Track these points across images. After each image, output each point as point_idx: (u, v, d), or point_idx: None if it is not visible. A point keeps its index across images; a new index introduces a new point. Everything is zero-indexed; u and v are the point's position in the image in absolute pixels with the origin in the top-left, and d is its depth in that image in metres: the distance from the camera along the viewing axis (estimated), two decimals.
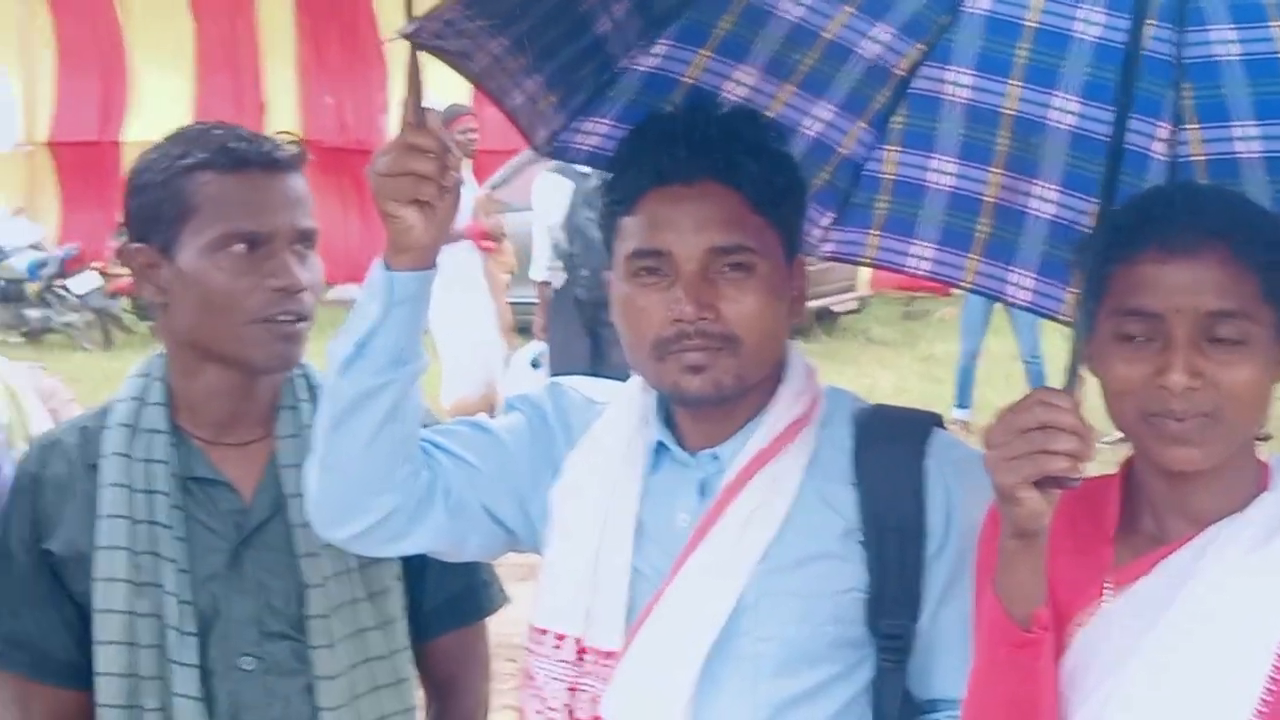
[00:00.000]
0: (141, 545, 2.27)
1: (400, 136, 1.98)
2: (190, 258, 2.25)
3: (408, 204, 1.99)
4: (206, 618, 2.28)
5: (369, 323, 2.04)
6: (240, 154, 2.26)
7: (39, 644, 2.33)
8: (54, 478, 2.34)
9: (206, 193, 2.25)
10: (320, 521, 2.17)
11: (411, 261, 2.03)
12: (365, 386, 2.06)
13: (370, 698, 2.33)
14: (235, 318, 2.24)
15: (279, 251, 2.25)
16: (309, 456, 2.16)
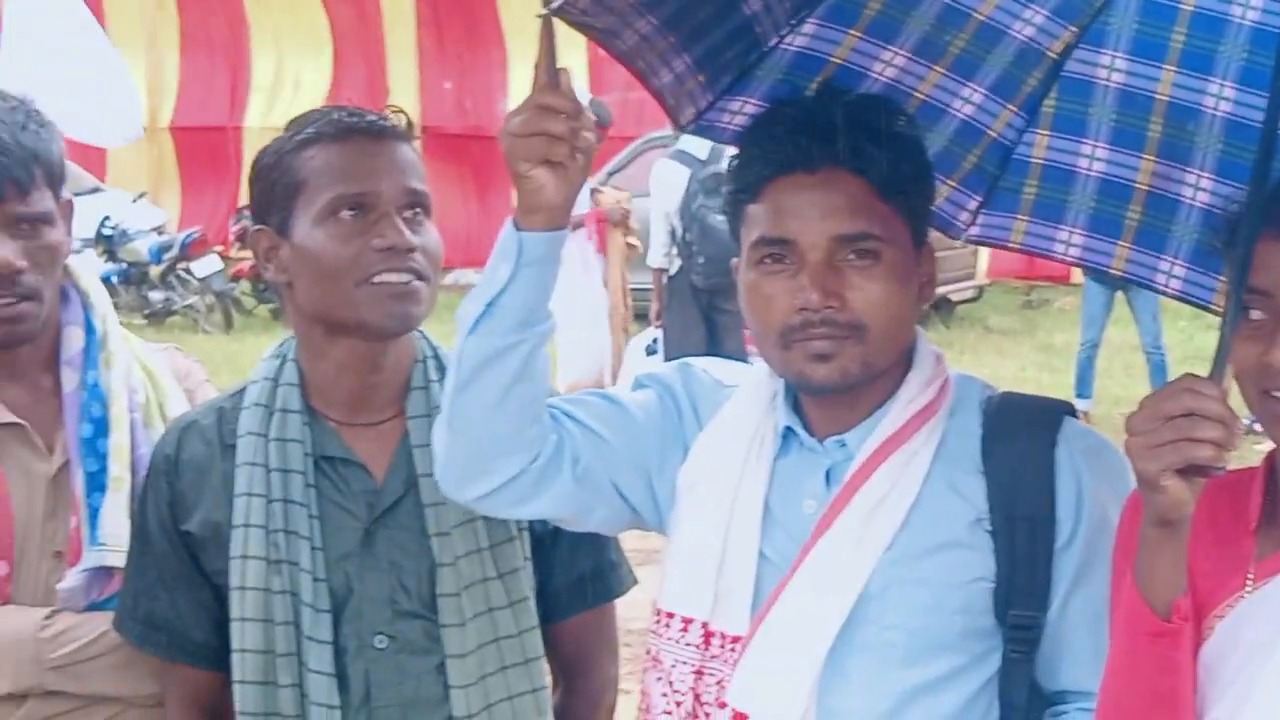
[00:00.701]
0: (277, 523, 2.30)
1: (533, 96, 1.99)
2: (303, 231, 2.29)
3: (539, 164, 1.99)
4: (340, 596, 2.31)
5: (498, 283, 2.05)
6: (345, 124, 2.30)
7: (176, 625, 2.37)
8: (191, 459, 2.38)
9: (313, 165, 2.29)
10: (448, 482, 2.18)
11: (542, 222, 2.03)
12: (494, 347, 2.06)
13: (499, 676, 2.35)
14: (346, 282, 2.26)
15: (386, 214, 2.26)
16: (438, 418, 2.17)
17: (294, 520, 2.30)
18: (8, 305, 2.39)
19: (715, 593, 2.13)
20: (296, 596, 2.29)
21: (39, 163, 2.40)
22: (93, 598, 2.43)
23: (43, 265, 2.41)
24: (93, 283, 2.60)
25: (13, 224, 2.38)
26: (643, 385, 2.31)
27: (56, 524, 2.45)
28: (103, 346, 2.52)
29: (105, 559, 2.41)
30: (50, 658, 2.38)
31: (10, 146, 2.37)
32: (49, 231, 2.42)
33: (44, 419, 2.48)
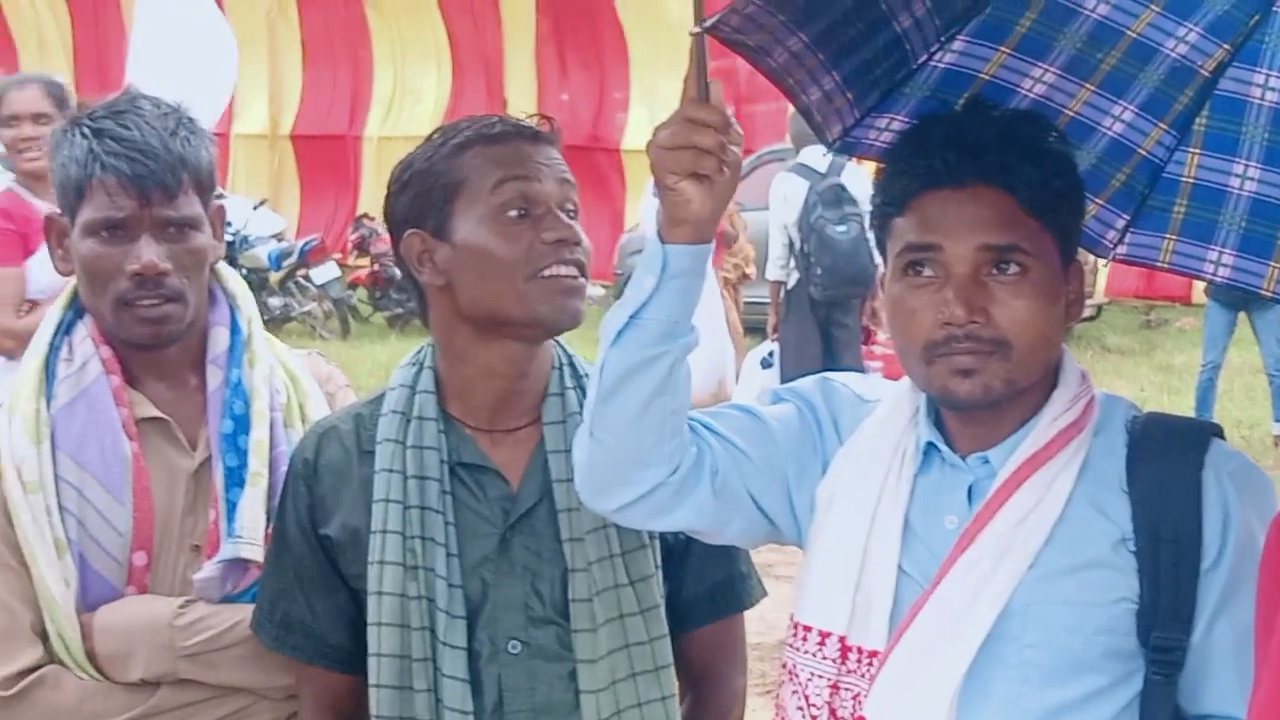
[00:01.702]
0: (414, 530, 2.32)
1: (682, 109, 2.00)
2: (468, 229, 2.31)
3: (686, 177, 2.00)
4: (475, 602, 2.33)
5: (643, 295, 2.06)
6: (502, 129, 2.33)
7: (313, 628, 2.40)
8: (330, 463, 2.41)
9: (474, 165, 2.31)
10: (588, 492, 2.20)
11: (687, 235, 2.04)
12: (637, 358, 2.08)
13: (629, 683, 2.35)
14: (517, 277, 2.28)
15: (550, 211, 2.29)
16: (580, 428, 2.19)
17: (430, 527, 2.32)
18: (153, 306, 2.44)
19: (853, 607, 2.13)
20: (432, 602, 2.31)
21: (187, 168, 2.45)
22: (227, 590, 2.47)
23: (188, 268, 2.46)
24: (239, 286, 2.64)
25: (160, 228, 2.43)
26: (782, 399, 2.31)
27: (196, 518, 2.49)
28: (247, 347, 2.57)
29: (241, 551, 2.45)
30: (183, 646, 2.42)
31: (159, 152, 2.42)
32: (195, 236, 2.47)
33: (188, 416, 2.53)
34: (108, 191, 2.41)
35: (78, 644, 2.42)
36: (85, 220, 2.43)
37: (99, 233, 2.43)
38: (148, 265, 2.41)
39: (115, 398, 2.48)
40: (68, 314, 2.57)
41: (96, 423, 2.46)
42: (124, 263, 2.42)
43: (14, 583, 2.43)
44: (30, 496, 2.42)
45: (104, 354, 2.51)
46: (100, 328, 2.52)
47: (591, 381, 2.15)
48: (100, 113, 2.47)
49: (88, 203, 2.43)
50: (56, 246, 2.53)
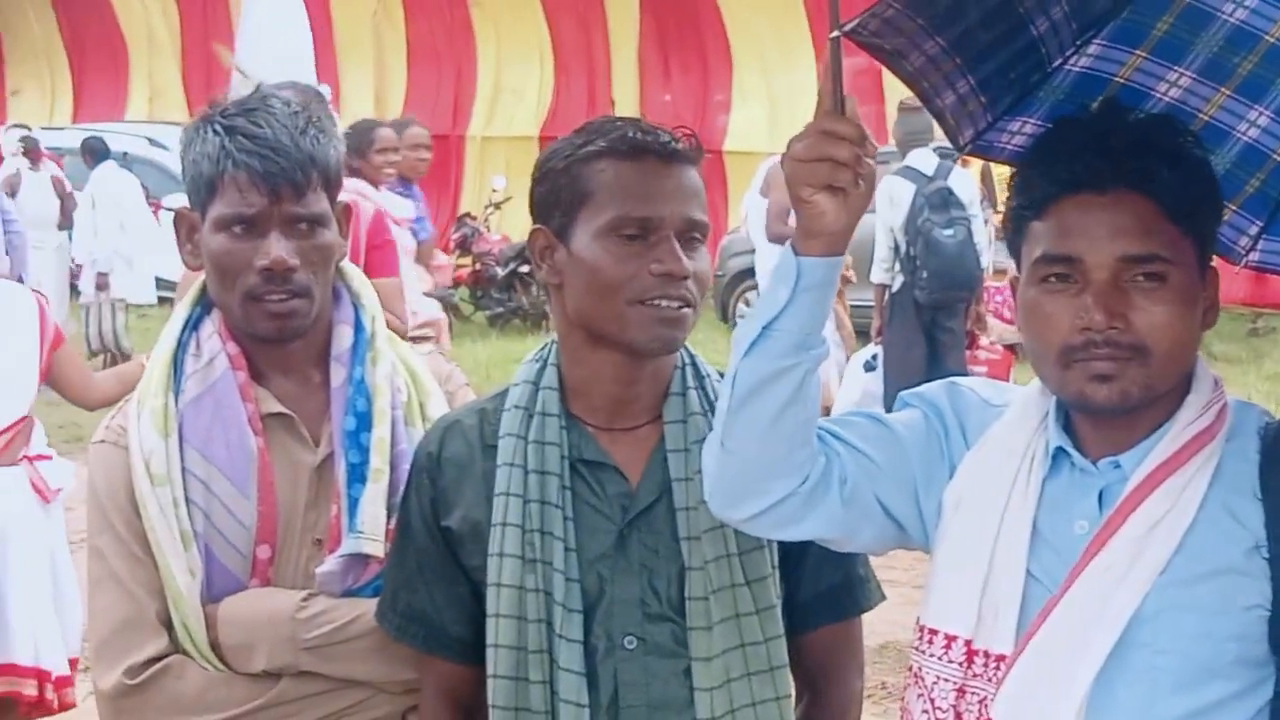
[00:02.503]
0: (533, 523, 2.34)
1: (818, 121, 2.01)
2: (583, 241, 2.32)
3: (821, 189, 2.01)
4: (592, 597, 2.34)
5: (775, 307, 2.07)
6: (638, 143, 2.32)
7: (434, 618, 2.42)
8: (453, 457, 2.43)
9: (602, 179, 2.32)
10: (718, 502, 2.21)
11: (821, 247, 2.05)
12: (769, 370, 2.09)
13: (743, 682, 2.35)
14: (618, 299, 2.30)
15: (666, 238, 2.29)
16: (709, 437, 2.20)
17: (549, 521, 2.34)
18: (280, 301, 2.47)
19: (979, 611, 2.12)
20: (549, 595, 2.32)
21: (316, 166, 2.48)
22: (348, 584, 2.50)
23: (315, 265, 2.49)
24: (363, 284, 2.67)
25: (289, 224, 2.46)
26: (908, 405, 2.31)
27: (318, 512, 2.52)
28: (370, 345, 2.59)
29: (362, 546, 2.48)
30: (305, 638, 2.45)
31: (290, 149, 2.45)
32: (323, 233, 2.50)
33: (311, 412, 2.56)
34: (239, 188, 2.44)
35: (202, 635, 2.46)
36: (216, 216, 2.47)
37: (229, 228, 2.46)
38: (276, 261, 2.44)
39: (241, 393, 2.52)
40: (195, 309, 2.61)
41: (223, 417, 2.50)
42: (253, 258, 2.45)
43: (141, 574, 2.47)
44: (158, 489, 2.46)
45: (230, 350, 2.54)
46: (227, 323, 2.55)
47: (723, 392, 2.16)
48: (232, 110, 2.51)
49: (219, 199, 2.46)
50: (186, 241, 2.56)
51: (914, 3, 1.96)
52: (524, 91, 20.27)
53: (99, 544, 2.51)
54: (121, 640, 2.47)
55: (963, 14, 2.05)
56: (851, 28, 1.97)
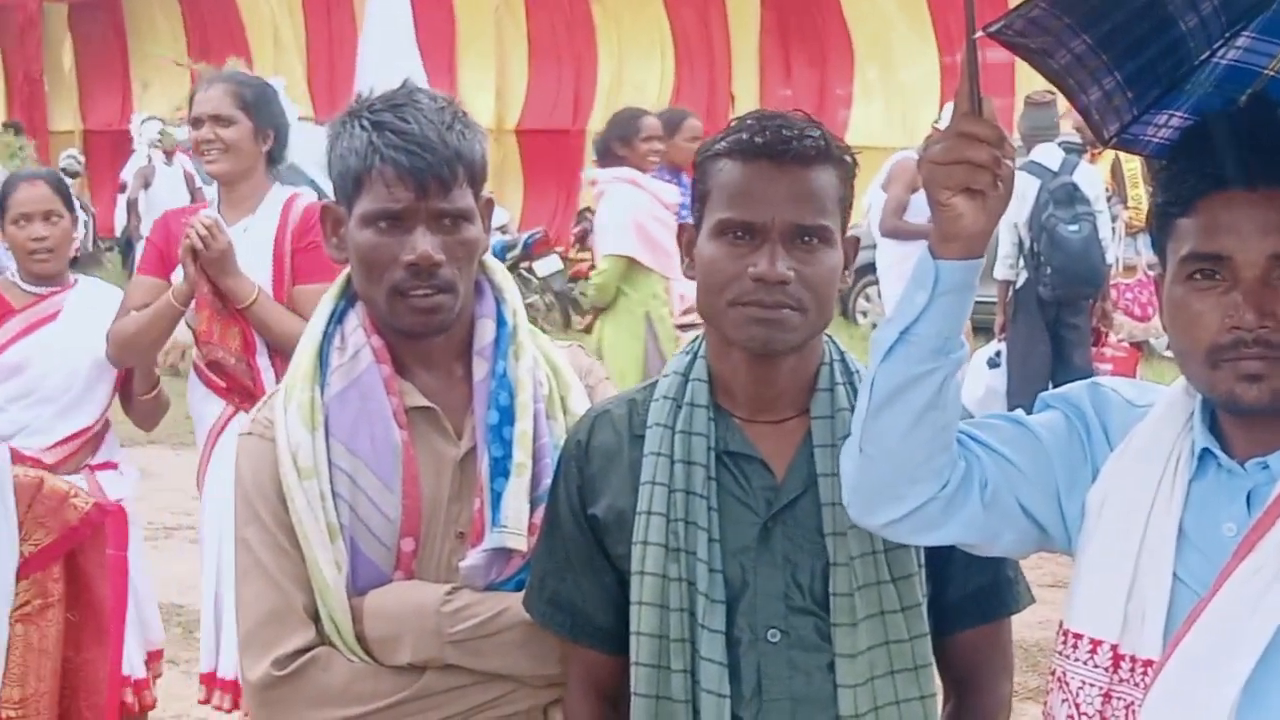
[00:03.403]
0: (677, 513, 2.35)
1: (955, 123, 2.01)
2: (704, 237, 2.36)
3: (959, 192, 2.01)
4: (735, 588, 2.35)
5: (914, 311, 2.07)
6: (755, 145, 2.32)
7: (580, 606, 2.44)
8: (601, 446, 2.45)
9: (719, 180, 2.34)
10: (856, 507, 2.22)
11: (959, 250, 2.05)
12: (907, 374, 2.09)
13: (887, 680, 2.35)
14: (722, 299, 2.32)
15: (767, 242, 2.29)
16: (848, 442, 2.21)
17: (694, 511, 2.35)
18: (425, 296, 2.49)
19: (1125, 615, 2.10)
20: (692, 585, 2.33)
21: (462, 161, 2.50)
22: (491, 578, 2.52)
23: (459, 260, 2.51)
24: (505, 278, 2.69)
25: (435, 219, 2.48)
26: (1049, 406, 2.29)
27: (461, 506, 2.55)
28: (512, 339, 2.61)
29: (505, 541, 2.50)
30: (450, 632, 2.47)
31: (436, 145, 2.47)
32: (468, 228, 2.52)
33: (454, 405, 2.59)
34: (386, 183, 2.47)
35: (348, 627, 2.49)
36: (363, 211, 2.49)
37: (376, 223, 2.49)
38: (423, 256, 2.46)
39: (386, 386, 2.54)
40: (340, 303, 2.64)
41: (368, 411, 2.53)
42: (399, 253, 2.47)
43: (288, 565, 2.51)
44: (305, 482, 2.49)
45: (375, 343, 2.57)
46: (371, 317, 2.58)
47: (860, 397, 2.17)
48: (379, 105, 2.53)
49: (365, 193, 2.49)
50: (331, 235, 2.60)
51: (1061, 1, 1.95)
52: (644, 86, 20.30)
53: (246, 535, 2.55)
54: (269, 631, 2.50)
55: (1110, 12, 2.04)
56: (997, 28, 1.97)
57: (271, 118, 5.16)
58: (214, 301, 4.93)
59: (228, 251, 4.84)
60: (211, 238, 4.81)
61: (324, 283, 4.72)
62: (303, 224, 5.01)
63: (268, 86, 5.31)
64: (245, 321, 4.92)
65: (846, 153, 2.37)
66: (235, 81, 5.25)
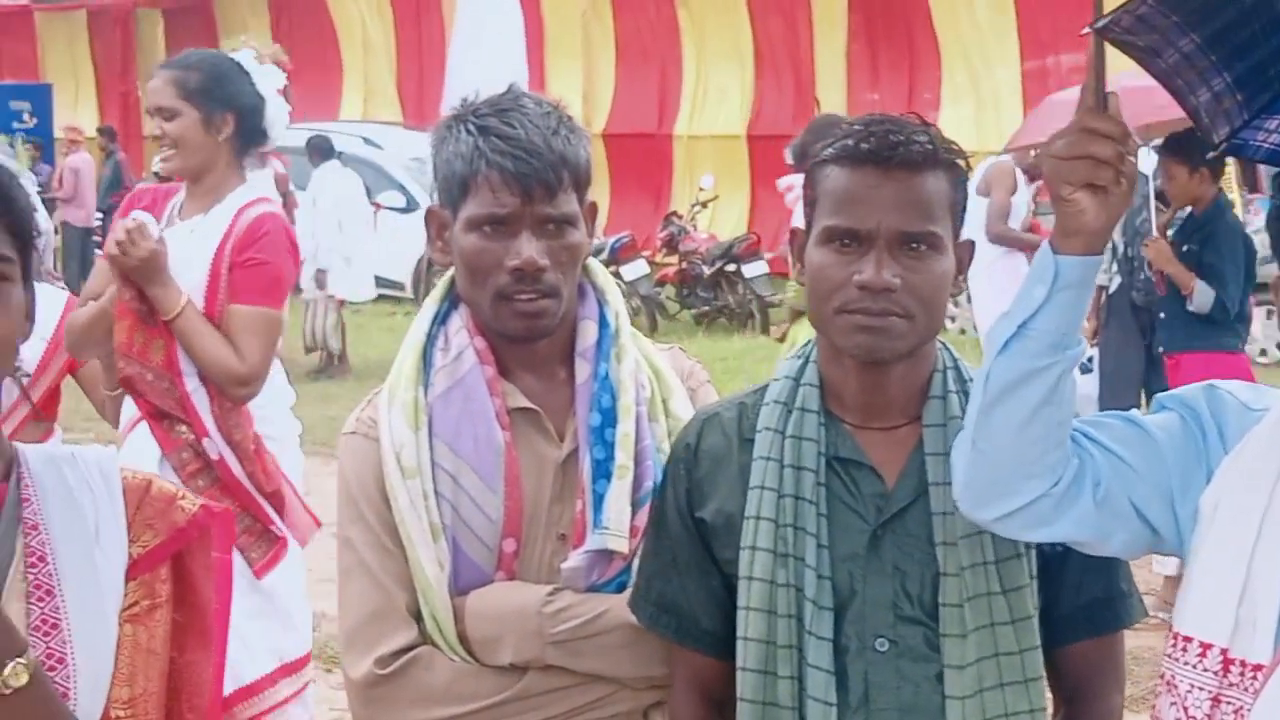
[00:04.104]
0: (786, 518, 2.34)
1: (1079, 119, 2.01)
2: (811, 245, 2.35)
3: (1081, 188, 2.01)
4: (843, 595, 2.34)
5: (1032, 305, 2.07)
6: (861, 151, 2.31)
7: (686, 609, 2.44)
8: (710, 449, 2.44)
9: (825, 186, 2.34)
10: (967, 501, 2.21)
11: (1080, 246, 2.05)
12: (1023, 369, 2.09)
13: (996, 692, 2.33)
14: (827, 306, 2.32)
15: (873, 249, 2.28)
16: (960, 436, 2.21)
17: (803, 517, 2.34)
18: (529, 301, 2.49)
19: (1236, 619, 2.08)
20: (800, 591, 2.32)
21: (567, 166, 2.50)
22: (593, 579, 2.52)
23: (563, 264, 2.51)
24: (607, 280, 2.69)
25: (540, 224, 2.49)
26: (1165, 408, 2.27)
27: (562, 507, 2.55)
28: (614, 341, 2.61)
29: (607, 543, 2.50)
30: (551, 633, 2.48)
31: (542, 150, 2.47)
32: (572, 233, 2.52)
33: (556, 407, 2.59)
34: (492, 188, 2.47)
35: (450, 627, 2.50)
36: (468, 215, 2.50)
37: (481, 228, 2.49)
38: (528, 261, 2.47)
39: (489, 388, 2.55)
40: (443, 305, 2.65)
41: (471, 412, 2.54)
42: (504, 258, 2.48)
43: (391, 565, 2.52)
44: (408, 481, 2.50)
45: (478, 345, 2.57)
46: (474, 319, 2.59)
47: (974, 391, 2.16)
48: (484, 109, 2.53)
49: (471, 198, 2.50)
50: (436, 238, 2.61)
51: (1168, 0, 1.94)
52: (729, 90, 20.32)
53: (350, 534, 2.56)
54: (372, 630, 2.52)
55: (1219, 11, 2.02)
56: (1104, 24, 1.97)
57: (228, 100, 4.44)
58: (139, 309, 4.35)
59: (149, 259, 4.27)
60: (131, 243, 4.25)
61: (260, 307, 4.44)
62: (247, 236, 4.42)
63: (222, 64, 4.54)
64: (171, 335, 4.35)
65: (959, 156, 2.35)
66: (179, 67, 4.52)
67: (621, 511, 2.51)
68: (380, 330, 17.51)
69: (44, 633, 1.94)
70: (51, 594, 1.97)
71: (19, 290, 1.98)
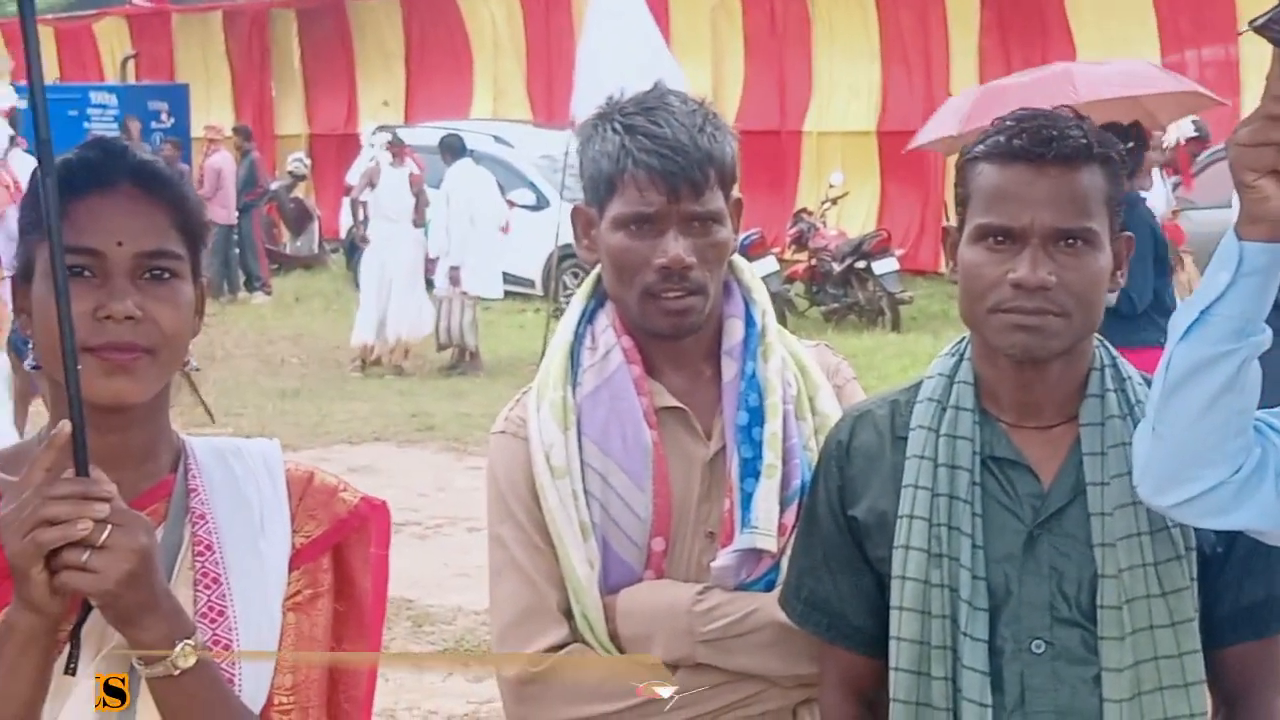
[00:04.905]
0: (940, 518, 2.33)
1: (1264, 106, 1.99)
2: (964, 244, 2.33)
3: (1266, 174, 1.99)
4: (998, 596, 2.32)
5: (1215, 291, 2.06)
6: (1013, 148, 2.29)
7: (837, 607, 2.43)
8: (862, 447, 2.43)
9: (978, 184, 2.32)
10: (1146, 487, 2.20)
11: (1265, 232, 2.04)
12: (1204, 355, 2.08)
13: (1155, 696, 2.29)
14: (981, 305, 2.29)
15: (1027, 247, 2.26)
16: (1141, 423, 2.20)
17: (957, 516, 2.32)
18: (676, 299, 2.50)
19: None
20: (955, 592, 2.31)
21: (713, 163, 2.50)
22: (742, 578, 2.51)
23: (710, 262, 2.51)
24: (754, 278, 2.69)
25: (686, 222, 2.49)
26: None
27: (710, 506, 2.55)
28: (761, 339, 2.60)
29: (756, 542, 2.49)
30: (701, 631, 2.48)
31: (689, 149, 2.47)
32: (718, 230, 2.52)
33: (703, 405, 2.59)
34: (638, 187, 2.48)
35: (601, 625, 2.51)
36: (615, 214, 2.51)
37: (628, 226, 2.50)
38: (675, 260, 2.47)
39: (636, 387, 2.55)
40: (590, 303, 2.66)
41: (619, 411, 2.55)
42: (651, 256, 2.48)
43: (542, 563, 2.53)
44: (558, 481, 2.52)
45: (625, 343, 2.58)
46: (621, 317, 2.59)
47: (1156, 376, 2.14)
48: (630, 108, 2.54)
49: (618, 197, 2.50)
50: (583, 236, 2.62)
51: None
52: (859, 86, 20.21)
53: (500, 533, 2.58)
54: (524, 628, 2.53)
55: None
56: (1261, 22, 1.94)
57: None
58: None
59: None
60: None
61: None
62: None
63: None
64: None
65: (1114, 150, 2.32)
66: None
67: (770, 510, 2.50)
68: (510, 327, 17.65)
69: (210, 619, 1.99)
70: (218, 582, 2.02)
71: (189, 287, 2.03)
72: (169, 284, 1.99)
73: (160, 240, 1.99)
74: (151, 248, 1.98)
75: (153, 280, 1.98)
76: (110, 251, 1.96)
